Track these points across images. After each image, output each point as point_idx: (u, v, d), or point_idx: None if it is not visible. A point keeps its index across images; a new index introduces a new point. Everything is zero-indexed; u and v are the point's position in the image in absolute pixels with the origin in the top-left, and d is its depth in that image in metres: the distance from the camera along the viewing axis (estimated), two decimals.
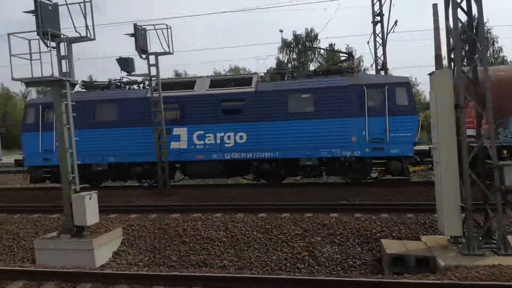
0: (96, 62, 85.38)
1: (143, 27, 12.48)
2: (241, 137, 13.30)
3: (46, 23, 7.78)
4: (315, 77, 13.67)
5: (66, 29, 8.40)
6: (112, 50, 65.05)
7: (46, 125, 14.39)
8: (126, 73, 12.29)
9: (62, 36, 8.18)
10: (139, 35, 12.27)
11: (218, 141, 13.42)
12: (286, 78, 13.92)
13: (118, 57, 12.32)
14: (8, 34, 7.86)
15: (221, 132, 13.42)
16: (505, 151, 11.89)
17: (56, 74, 8.09)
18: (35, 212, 11.12)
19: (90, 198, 8.30)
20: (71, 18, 8.16)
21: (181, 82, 15.11)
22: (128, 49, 57.74)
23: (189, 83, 14.36)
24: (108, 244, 8.51)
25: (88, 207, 8.22)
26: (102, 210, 9.15)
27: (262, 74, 14.44)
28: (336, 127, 12.67)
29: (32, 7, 7.76)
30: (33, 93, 55.09)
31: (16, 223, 10.18)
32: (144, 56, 12.67)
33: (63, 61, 8.24)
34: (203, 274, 6.46)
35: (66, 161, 8.26)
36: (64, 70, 8.22)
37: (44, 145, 14.43)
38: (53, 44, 8.10)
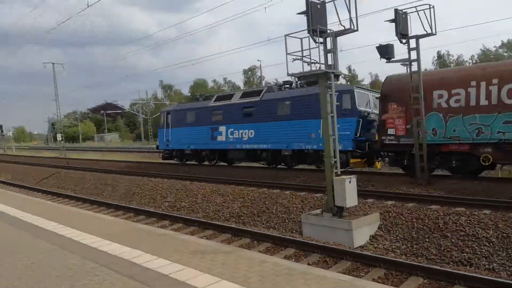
0: (355, 52, 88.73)
1: (403, 10, 12.15)
2: (251, 133, 18.30)
3: (315, 21, 8.57)
4: (295, 89, 17.92)
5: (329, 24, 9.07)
6: (371, 39, 66.44)
7: (167, 124, 22.82)
8: (386, 60, 12.25)
9: (328, 31, 8.86)
10: (399, 19, 12.00)
11: (240, 136, 18.67)
12: (282, 89, 18.49)
13: (378, 45, 12.39)
14: (285, 36, 9.02)
15: (242, 129, 18.62)
16: None
17: (323, 67, 8.85)
18: (302, 190, 12.59)
19: (349, 182, 8.81)
20: (337, 13, 8.73)
21: (226, 95, 21.15)
22: (386, 36, 57.27)
23: (230, 96, 20.33)
24: (366, 227, 8.83)
25: (348, 189, 8.74)
26: (360, 194, 9.56)
27: None
28: (302, 127, 16.23)
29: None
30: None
31: (287, 198, 11.79)
32: (404, 40, 12.34)
33: (329, 55, 8.91)
34: (469, 274, 5.95)
35: (330, 146, 8.99)
36: (329, 62, 8.90)
37: (166, 136, 22.89)
38: (321, 39, 8.86)
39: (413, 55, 12.47)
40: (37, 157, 43.62)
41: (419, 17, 12.05)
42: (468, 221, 8.33)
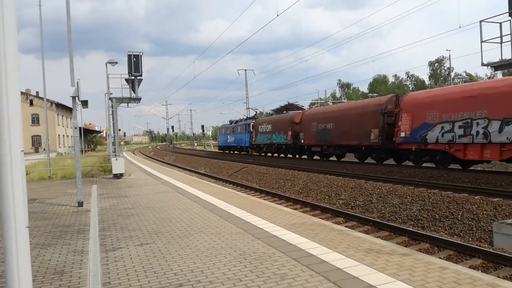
0: None
1: None
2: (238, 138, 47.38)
3: None
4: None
5: None
6: None
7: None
8: None
9: None
10: None
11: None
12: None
13: None
14: (480, 21, 8.14)
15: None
16: None
17: None
18: (495, 195, 11.13)
19: None
20: None
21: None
22: None
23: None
24: None
25: None
26: None
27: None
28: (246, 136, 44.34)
29: None
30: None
31: (476, 204, 10.60)
32: None
33: None
34: None
35: None
36: None
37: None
38: None
39: None
40: (229, 153, 49.20)
41: None
42: None
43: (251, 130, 42.49)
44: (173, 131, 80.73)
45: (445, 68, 78.87)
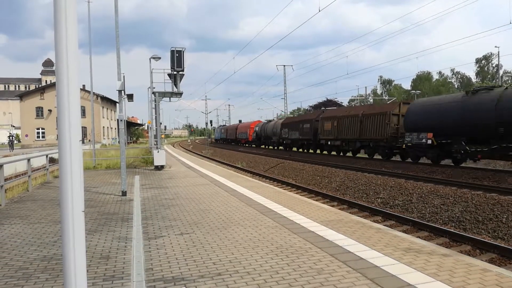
0: None
1: None
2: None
3: None
4: None
5: None
6: None
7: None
8: None
9: None
10: None
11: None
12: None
13: None
14: None
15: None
16: None
17: None
18: None
19: None
20: None
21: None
22: None
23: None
24: None
25: None
26: None
27: None
28: None
29: None
30: None
31: None
32: None
33: None
34: None
35: None
36: None
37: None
38: None
39: None
40: (265, 148, 49.29)
41: None
42: None
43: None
44: (211, 125, 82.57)
45: (493, 65, 75.36)
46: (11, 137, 49.87)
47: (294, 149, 42.08)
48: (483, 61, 77.57)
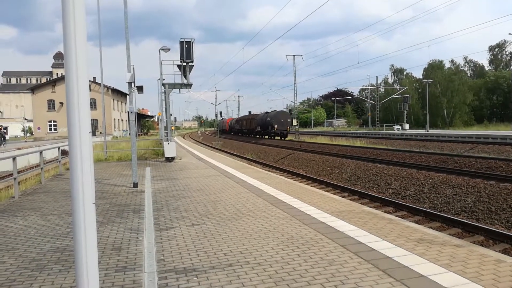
0: None
1: None
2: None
3: None
4: None
5: None
6: None
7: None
8: None
9: None
10: None
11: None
12: None
13: None
14: None
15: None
16: None
17: None
18: None
19: None
20: None
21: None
22: None
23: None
24: None
25: None
26: None
27: None
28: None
29: None
30: None
31: None
32: None
33: None
34: None
35: None
36: None
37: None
38: None
39: None
40: (277, 139, 49.30)
41: None
42: None
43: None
44: (221, 116, 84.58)
45: (507, 53, 73.96)
46: (2, 131, 38.90)
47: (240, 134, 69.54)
48: (496, 49, 76.16)
